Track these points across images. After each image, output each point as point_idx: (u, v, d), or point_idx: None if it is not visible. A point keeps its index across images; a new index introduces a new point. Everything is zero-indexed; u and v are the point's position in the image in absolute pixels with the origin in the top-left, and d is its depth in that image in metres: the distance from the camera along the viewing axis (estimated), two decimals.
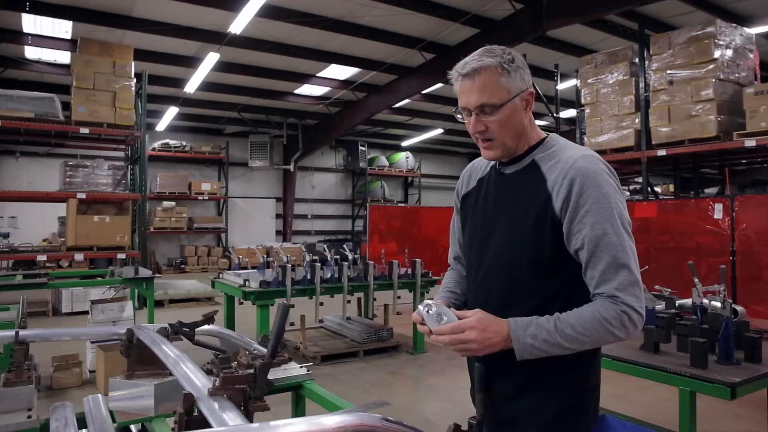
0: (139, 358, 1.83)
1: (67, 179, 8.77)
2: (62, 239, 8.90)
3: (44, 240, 13.03)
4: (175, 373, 1.30)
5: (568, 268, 1.37)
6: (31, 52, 10.29)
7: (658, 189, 17.25)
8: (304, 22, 8.86)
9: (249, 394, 1.20)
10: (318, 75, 12.18)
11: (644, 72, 7.58)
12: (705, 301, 2.51)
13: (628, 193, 14.14)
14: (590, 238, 1.30)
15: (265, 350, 2.31)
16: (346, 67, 11.49)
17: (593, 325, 1.27)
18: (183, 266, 15.27)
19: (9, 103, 7.72)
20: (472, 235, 1.57)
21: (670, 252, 6.87)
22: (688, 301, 2.77)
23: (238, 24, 8.26)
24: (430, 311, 1.34)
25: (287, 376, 2.15)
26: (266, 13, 8.19)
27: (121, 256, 8.03)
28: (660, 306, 2.78)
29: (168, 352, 1.49)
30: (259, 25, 8.77)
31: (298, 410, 2.16)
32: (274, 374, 2.14)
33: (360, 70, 11.58)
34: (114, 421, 1.70)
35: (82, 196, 7.91)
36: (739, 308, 2.46)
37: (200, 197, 15.89)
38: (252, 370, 1.27)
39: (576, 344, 1.28)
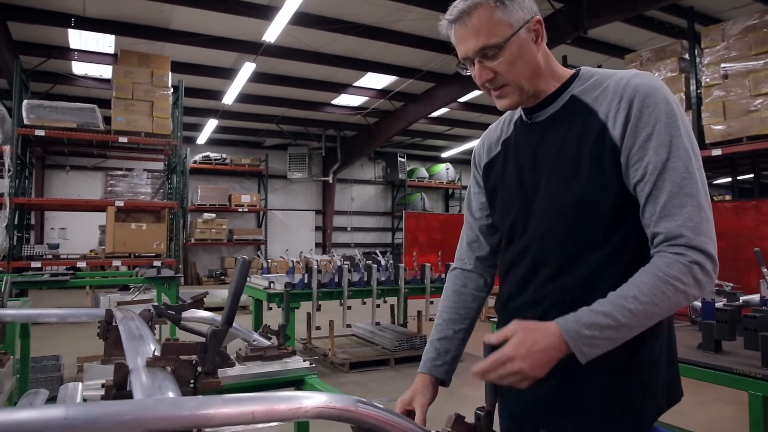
0: (117, 342, 1.65)
1: (108, 188, 8.97)
2: (102, 247, 9.05)
3: (91, 251, 13.38)
4: (126, 346, 1.11)
5: (636, 211, 1.10)
6: (78, 68, 10.66)
7: (714, 199, 16.33)
8: (338, 29, 8.80)
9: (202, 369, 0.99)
10: (354, 84, 12.13)
11: (695, 67, 7.11)
12: None
13: None
14: (654, 166, 1.04)
15: (266, 342, 2.11)
16: (382, 75, 11.39)
17: (660, 290, 1.00)
18: (223, 277, 15.38)
19: (53, 114, 7.93)
20: (508, 201, 1.29)
21: (727, 261, 6.33)
22: (755, 297, 2.41)
23: (272, 32, 8.28)
24: None
25: (288, 369, 1.94)
26: (299, 20, 8.18)
27: (157, 263, 8.05)
28: (721, 303, 2.42)
29: (131, 327, 1.30)
30: (293, 33, 8.77)
31: None
32: (272, 367, 1.94)
33: (396, 78, 11.45)
34: None
35: (120, 204, 8.02)
36: None
37: (240, 209, 16.04)
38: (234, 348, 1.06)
39: (645, 319, 1.01)
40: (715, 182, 14.49)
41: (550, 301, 1.08)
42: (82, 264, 7.94)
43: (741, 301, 2.46)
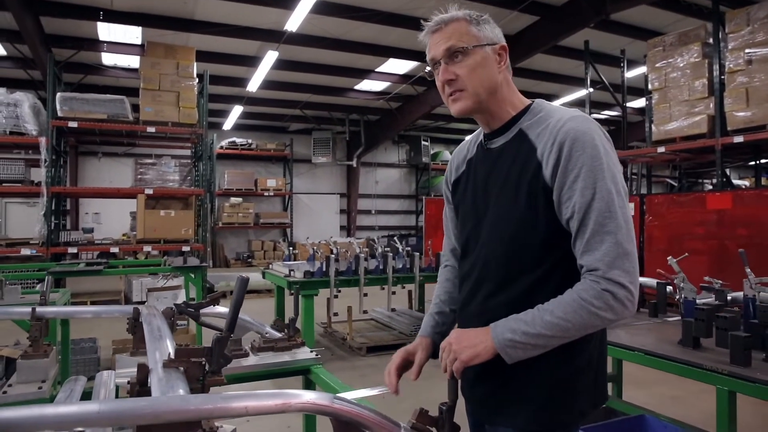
0: (144, 336, 1.87)
1: (138, 176, 9.35)
2: (134, 233, 9.44)
3: (123, 235, 13.85)
4: (148, 346, 1.32)
5: (567, 242, 1.25)
6: (107, 59, 10.98)
7: (746, 182, 15.91)
8: (359, 16, 8.89)
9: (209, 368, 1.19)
10: (377, 70, 12.20)
11: (719, 52, 7.00)
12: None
13: (710, 186, 13.23)
14: (580, 205, 1.19)
15: (278, 335, 2.32)
16: (404, 61, 11.43)
17: (573, 309, 1.16)
18: (250, 260, 15.79)
19: (84, 105, 8.26)
20: (465, 218, 1.47)
21: (752, 249, 6.26)
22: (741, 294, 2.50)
23: (294, 21, 8.42)
24: None
25: (297, 360, 2.14)
26: (321, 9, 8.29)
27: (186, 248, 8.39)
28: (709, 299, 2.53)
29: (153, 327, 1.51)
30: (315, 21, 8.89)
31: None
32: (283, 357, 2.15)
33: (418, 63, 11.47)
34: (117, 396, 1.76)
35: (150, 191, 8.35)
36: None
37: (266, 193, 16.37)
38: (250, 353, 1.26)
39: (559, 332, 1.18)
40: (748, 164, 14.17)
41: (490, 315, 1.26)
42: (115, 249, 8.32)
43: (729, 298, 2.56)
